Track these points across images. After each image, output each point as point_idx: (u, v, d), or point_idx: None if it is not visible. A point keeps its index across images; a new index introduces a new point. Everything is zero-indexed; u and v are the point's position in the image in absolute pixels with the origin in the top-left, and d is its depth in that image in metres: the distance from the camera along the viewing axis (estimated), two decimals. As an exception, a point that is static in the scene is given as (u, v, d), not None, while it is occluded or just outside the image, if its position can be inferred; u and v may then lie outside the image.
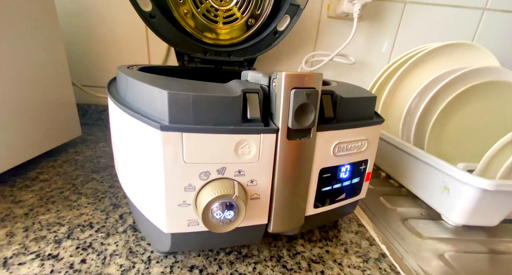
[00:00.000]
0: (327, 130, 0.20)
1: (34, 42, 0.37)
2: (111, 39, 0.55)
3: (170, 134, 0.17)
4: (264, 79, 0.20)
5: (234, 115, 0.18)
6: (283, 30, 0.49)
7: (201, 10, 0.42)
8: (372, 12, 0.56)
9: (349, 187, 0.24)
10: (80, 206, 0.31)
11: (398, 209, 0.36)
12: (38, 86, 0.38)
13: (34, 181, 0.36)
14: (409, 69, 0.47)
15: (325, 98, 0.21)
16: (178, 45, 0.45)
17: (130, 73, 0.22)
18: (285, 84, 0.18)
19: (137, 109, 0.20)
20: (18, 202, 0.31)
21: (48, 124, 0.41)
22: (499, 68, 0.40)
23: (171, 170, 0.17)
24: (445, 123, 0.41)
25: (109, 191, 0.35)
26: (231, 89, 0.19)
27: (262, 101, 0.19)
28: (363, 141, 0.23)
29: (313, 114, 0.19)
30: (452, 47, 0.45)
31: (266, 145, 0.18)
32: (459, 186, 0.31)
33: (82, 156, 0.44)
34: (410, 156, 0.39)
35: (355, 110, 0.22)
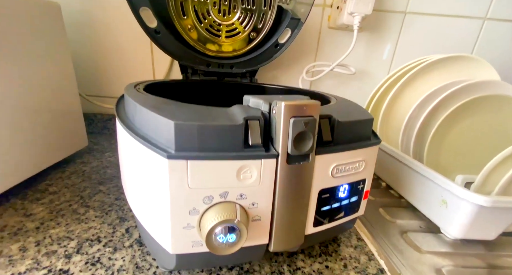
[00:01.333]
0: (325, 154, 0.21)
1: (43, 56, 0.38)
2: (116, 49, 0.56)
3: (176, 162, 0.18)
4: (265, 106, 0.20)
5: (237, 141, 0.19)
6: (284, 43, 0.50)
7: (204, 25, 0.44)
8: (372, 23, 0.57)
9: (348, 205, 0.25)
10: (88, 220, 0.32)
11: (397, 221, 0.37)
12: (47, 99, 0.40)
13: (43, 193, 0.37)
14: (409, 80, 0.47)
15: (323, 122, 0.22)
16: (182, 58, 0.46)
17: (138, 98, 0.23)
18: (284, 114, 0.19)
19: (144, 134, 0.21)
20: (29, 216, 0.32)
21: (56, 136, 0.42)
22: (499, 82, 0.40)
23: (177, 195, 0.18)
24: (444, 135, 0.42)
25: (116, 204, 0.36)
26: (233, 116, 0.20)
27: (263, 127, 0.20)
28: (360, 162, 0.23)
29: (312, 141, 0.19)
30: (453, 60, 0.46)
31: (267, 169, 0.19)
32: (456, 201, 0.31)
33: (88, 167, 0.46)
34: (409, 168, 0.40)
35: (352, 133, 0.23)
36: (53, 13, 0.40)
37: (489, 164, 0.34)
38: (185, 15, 0.42)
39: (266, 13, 0.45)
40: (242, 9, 0.44)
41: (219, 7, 0.43)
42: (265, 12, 0.45)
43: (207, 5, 0.42)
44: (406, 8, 0.56)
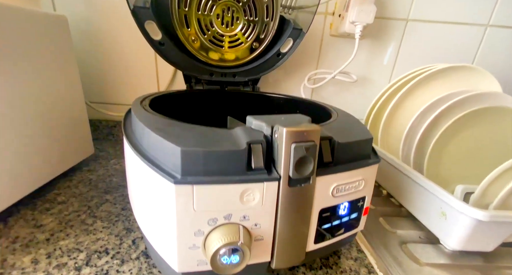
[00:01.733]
0: (326, 175, 0.22)
1: (50, 67, 0.39)
2: (121, 57, 0.57)
3: (182, 187, 0.18)
4: (267, 129, 0.21)
5: (240, 165, 0.20)
6: (286, 52, 0.50)
7: (208, 37, 0.44)
8: (374, 30, 0.57)
9: (348, 222, 0.25)
10: (96, 231, 0.33)
11: (397, 231, 0.38)
12: (54, 109, 0.40)
13: (52, 203, 0.38)
14: (411, 89, 0.48)
15: (323, 143, 0.22)
16: (186, 69, 0.47)
17: (145, 119, 0.24)
18: (286, 139, 0.19)
19: (152, 156, 0.21)
20: (40, 227, 0.33)
21: (64, 145, 0.43)
22: (500, 93, 0.41)
23: (183, 218, 0.19)
24: (445, 145, 0.42)
25: (122, 214, 0.37)
26: (237, 140, 0.21)
27: (265, 150, 0.21)
28: (360, 181, 0.24)
29: (312, 165, 0.20)
30: (454, 70, 0.46)
31: (269, 192, 0.20)
32: (455, 214, 0.32)
33: (95, 175, 0.47)
34: (409, 178, 0.40)
35: (352, 153, 0.24)
36: (61, 26, 0.41)
37: (489, 177, 0.35)
38: (188, 27, 0.42)
39: (269, 24, 0.46)
40: (245, 20, 0.44)
41: (222, 18, 0.43)
42: (267, 23, 0.45)
43: (211, 17, 0.43)
44: (408, 15, 0.57)
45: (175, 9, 0.40)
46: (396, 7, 0.56)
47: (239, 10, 0.43)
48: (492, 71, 0.57)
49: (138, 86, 0.60)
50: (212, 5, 0.41)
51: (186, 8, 0.40)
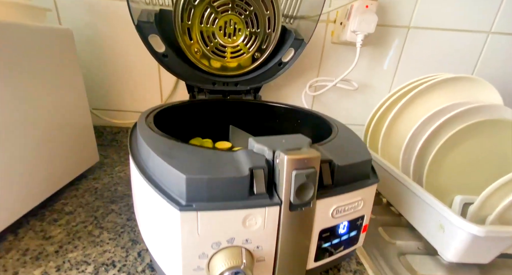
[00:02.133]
0: (326, 198, 0.23)
1: (57, 78, 0.40)
2: (124, 64, 0.58)
3: (187, 214, 0.19)
4: (268, 153, 0.22)
5: (242, 191, 0.21)
6: (288, 61, 0.51)
7: (210, 48, 0.45)
8: (375, 37, 0.57)
9: (347, 239, 0.26)
10: (102, 242, 0.34)
11: (396, 242, 0.39)
12: (61, 119, 0.41)
13: (60, 214, 0.39)
14: (412, 99, 0.48)
15: (323, 166, 0.23)
16: (189, 79, 0.47)
17: (152, 142, 0.25)
18: (287, 167, 0.20)
19: (157, 179, 0.22)
20: (49, 238, 0.34)
21: (70, 155, 0.44)
22: (500, 106, 0.41)
23: (187, 242, 0.20)
24: (445, 156, 0.43)
25: (127, 225, 0.38)
26: (239, 165, 0.21)
27: (267, 175, 0.21)
28: (359, 201, 0.25)
29: (313, 190, 0.21)
30: (455, 80, 0.46)
31: (271, 216, 0.21)
32: (453, 227, 0.33)
33: (100, 183, 0.48)
34: (408, 189, 0.41)
35: (352, 174, 0.24)
36: (66, 39, 0.42)
37: (487, 190, 0.35)
38: (191, 39, 0.43)
39: (270, 35, 0.46)
40: (247, 32, 0.45)
41: (224, 30, 0.44)
42: (269, 34, 0.46)
43: (213, 29, 0.43)
44: (410, 23, 0.57)
45: (179, 22, 0.40)
46: (398, 15, 0.56)
47: (241, 22, 0.44)
48: (493, 78, 0.58)
49: (141, 93, 0.61)
50: (215, 18, 0.42)
51: (189, 22, 0.41)
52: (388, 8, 0.55)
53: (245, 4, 0.42)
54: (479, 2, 0.55)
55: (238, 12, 0.42)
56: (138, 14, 0.40)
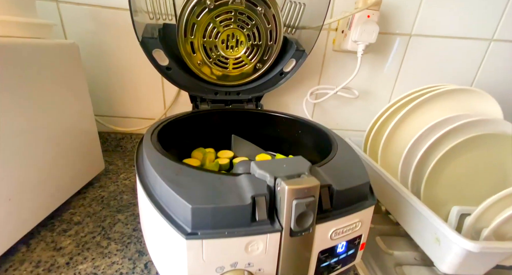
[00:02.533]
0: (325, 222, 0.24)
1: (64, 91, 0.41)
2: (128, 72, 0.58)
3: (193, 241, 0.20)
4: (270, 180, 0.23)
5: (245, 218, 0.22)
6: (289, 71, 0.51)
7: (213, 60, 0.45)
8: (377, 45, 0.57)
9: (345, 258, 0.27)
10: (110, 254, 0.36)
11: (394, 252, 0.40)
12: (68, 130, 0.42)
13: (69, 224, 0.41)
14: (412, 109, 0.49)
15: (323, 191, 0.24)
16: (192, 90, 0.48)
17: (158, 165, 0.26)
18: (288, 196, 0.21)
19: (164, 204, 0.23)
20: (59, 249, 0.36)
21: (78, 164, 0.45)
22: (500, 120, 0.42)
23: (192, 266, 0.21)
24: (443, 168, 0.43)
25: (133, 235, 0.39)
26: (242, 191, 0.22)
27: (268, 202, 0.22)
28: (357, 223, 0.26)
29: (312, 217, 0.22)
30: (456, 92, 0.47)
31: (272, 241, 0.22)
32: (448, 242, 0.34)
33: (106, 192, 0.49)
34: (406, 200, 0.42)
35: (350, 197, 0.25)
36: (72, 52, 0.42)
37: (483, 204, 0.36)
38: (194, 53, 0.43)
39: (272, 46, 0.46)
40: (249, 44, 0.45)
41: (227, 43, 0.44)
42: (270, 46, 0.46)
43: (215, 42, 0.44)
44: (412, 30, 0.57)
45: (182, 37, 0.41)
46: (400, 22, 0.56)
47: (243, 35, 0.44)
48: (494, 84, 0.58)
49: (144, 100, 0.61)
50: (217, 32, 0.42)
51: (192, 36, 0.41)
52: (390, 16, 0.55)
53: (247, 18, 0.42)
54: (482, 9, 0.55)
55: (240, 26, 0.43)
56: (142, 28, 0.41)
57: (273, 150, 0.50)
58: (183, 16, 0.39)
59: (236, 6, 0.40)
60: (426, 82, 0.58)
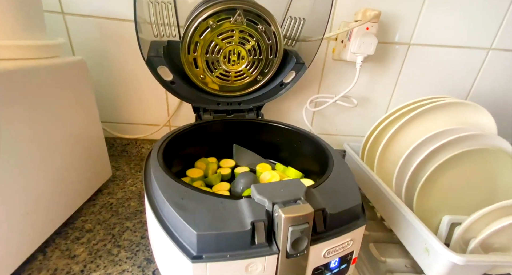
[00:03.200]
0: (319, 243, 0.26)
1: (71, 103, 0.42)
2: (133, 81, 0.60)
3: (198, 264, 0.23)
4: (268, 205, 0.25)
5: (245, 241, 0.24)
6: (289, 82, 0.53)
7: (215, 74, 0.47)
8: (376, 54, 0.58)
9: (338, 272, 0.30)
10: (121, 261, 0.38)
11: (385, 259, 0.42)
12: (76, 141, 0.44)
13: (81, 232, 0.43)
14: (409, 120, 0.50)
15: (317, 215, 0.26)
16: (195, 101, 0.50)
17: (165, 188, 0.28)
18: (284, 224, 0.23)
19: (172, 227, 0.26)
20: (74, 257, 0.38)
21: (87, 172, 0.48)
22: (493, 135, 0.43)
23: (199, 285, 0.24)
24: (436, 179, 0.45)
25: (142, 243, 0.42)
26: (242, 217, 0.24)
27: (267, 225, 0.24)
28: (349, 241, 0.28)
29: (307, 241, 0.24)
30: (453, 105, 0.48)
31: (270, 263, 0.24)
32: (436, 253, 0.36)
33: (115, 198, 0.52)
34: (399, 211, 0.44)
35: (343, 219, 0.28)
36: (80, 68, 0.44)
37: (473, 216, 0.38)
38: (197, 68, 0.45)
39: (272, 60, 0.48)
40: (250, 58, 0.46)
41: (229, 57, 0.46)
42: (271, 60, 0.48)
43: (218, 58, 0.45)
44: (411, 40, 0.57)
45: (185, 54, 0.42)
46: (399, 32, 0.57)
47: (245, 51, 0.45)
48: (492, 93, 0.59)
49: (149, 107, 0.63)
50: (220, 49, 0.43)
51: (195, 53, 0.43)
52: (390, 25, 0.56)
53: (248, 35, 0.43)
54: (480, 18, 0.56)
55: (242, 43, 0.44)
56: (147, 45, 0.42)
57: (274, 157, 0.53)
58: (186, 35, 0.40)
59: (237, 26, 0.41)
60: (424, 90, 0.60)
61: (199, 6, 0.41)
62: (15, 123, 0.32)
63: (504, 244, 0.40)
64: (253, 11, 0.40)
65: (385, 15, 0.54)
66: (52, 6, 0.51)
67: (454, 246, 0.41)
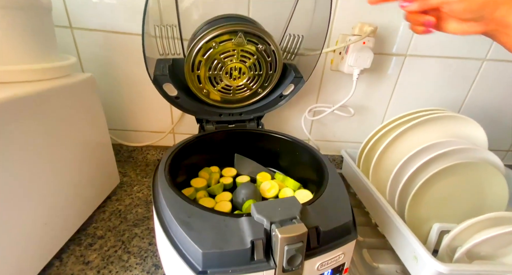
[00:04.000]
0: (312, 258, 0.29)
1: (82, 116, 0.45)
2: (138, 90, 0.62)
3: (204, 279, 0.26)
4: (267, 224, 0.28)
5: (245, 257, 0.27)
6: (288, 94, 0.55)
7: (217, 88, 0.49)
8: (373, 65, 0.60)
9: (330, 281, 0.32)
10: (131, 267, 0.42)
11: (377, 265, 0.45)
12: (87, 151, 0.47)
13: (94, 238, 0.46)
14: (404, 132, 0.52)
15: (311, 232, 0.29)
16: (198, 114, 0.52)
17: (173, 206, 0.30)
18: (281, 243, 0.26)
19: (179, 242, 0.28)
20: (88, 263, 0.42)
21: (97, 181, 0.51)
22: (481, 150, 0.45)
23: (204, 296, 0.27)
24: (427, 189, 0.47)
25: (149, 249, 0.45)
26: (243, 235, 0.27)
27: (265, 243, 0.27)
28: (341, 255, 0.31)
29: (301, 258, 0.27)
30: (446, 118, 0.50)
31: (267, 276, 0.27)
32: (423, 262, 0.39)
33: (123, 205, 0.55)
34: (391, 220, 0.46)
35: (335, 235, 0.30)
36: (90, 84, 0.46)
37: (460, 226, 0.41)
38: (200, 83, 0.47)
39: (272, 75, 0.50)
40: (251, 74, 0.48)
41: (230, 73, 0.48)
42: (271, 75, 0.50)
43: (220, 74, 0.47)
44: (407, 51, 0.59)
45: (189, 72, 0.44)
46: (396, 43, 0.58)
47: (246, 68, 0.47)
48: (485, 103, 0.61)
49: (154, 116, 0.66)
50: (222, 66, 0.45)
51: (199, 71, 0.45)
52: (387, 37, 0.58)
53: (248, 54, 0.45)
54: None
55: (242, 60, 0.46)
56: (153, 63, 0.44)
57: (273, 165, 0.55)
58: (190, 56, 0.42)
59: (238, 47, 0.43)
60: (419, 99, 0.62)
61: (203, 26, 0.43)
62: (31, 138, 0.35)
63: (490, 252, 0.42)
64: (254, 33, 0.42)
65: (382, 27, 0.56)
66: (61, 21, 0.53)
67: (442, 253, 0.43)
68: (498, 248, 0.42)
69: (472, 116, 0.53)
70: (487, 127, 0.50)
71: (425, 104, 0.64)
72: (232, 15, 0.47)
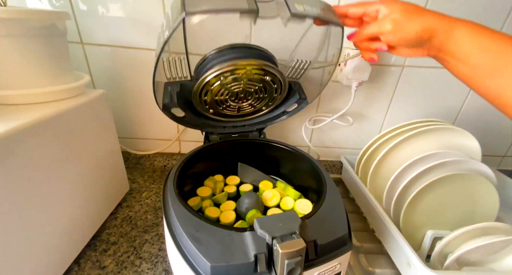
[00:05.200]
0: (310, 269, 0.31)
1: (94, 129, 0.48)
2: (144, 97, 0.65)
3: (212, 289, 0.29)
4: (269, 239, 0.30)
5: (249, 270, 0.30)
6: (291, 111, 0.57)
7: (223, 108, 0.51)
8: (371, 75, 0.62)
9: (327, 288, 0.35)
10: (143, 272, 0.45)
11: (373, 270, 0.48)
12: (100, 161, 0.50)
13: (107, 244, 0.50)
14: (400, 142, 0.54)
15: (309, 245, 0.31)
16: (204, 128, 0.55)
17: (182, 219, 0.33)
18: (281, 258, 0.29)
19: (188, 254, 0.31)
20: (103, 268, 0.45)
21: (109, 188, 0.54)
22: (474, 162, 0.48)
23: (212, 304, 0.30)
24: (422, 198, 0.50)
25: (160, 255, 0.48)
26: (247, 249, 0.30)
27: (267, 256, 0.30)
28: (337, 265, 0.34)
29: (300, 270, 0.30)
30: (441, 130, 0.52)
31: (270, 286, 0.30)
32: (416, 268, 0.41)
33: (133, 212, 0.58)
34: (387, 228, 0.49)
35: (332, 247, 0.33)
36: (102, 99, 0.49)
37: (452, 234, 0.44)
38: (207, 105, 0.49)
39: (276, 97, 0.52)
40: (255, 96, 0.50)
41: (236, 95, 0.50)
42: (275, 97, 0.52)
43: (226, 98, 0.49)
44: (404, 62, 0.61)
45: (197, 98, 0.47)
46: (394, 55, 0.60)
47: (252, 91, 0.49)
48: (481, 112, 0.63)
49: (160, 124, 0.68)
50: (228, 92, 0.48)
51: (206, 97, 0.47)
52: (385, 49, 0.59)
53: (255, 82, 0.47)
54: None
55: (248, 87, 0.48)
56: (161, 86, 0.47)
57: (275, 173, 0.58)
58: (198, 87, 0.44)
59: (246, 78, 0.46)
60: (417, 109, 0.64)
61: (211, 54, 0.45)
62: (51, 154, 0.38)
63: (479, 259, 0.45)
64: (261, 68, 0.44)
65: (380, 40, 0.58)
66: (72, 37, 0.56)
67: (434, 259, 0.46)
68: (486, 255, 0.44)
69: (468, 124, 0.55)
70: (482, 134, 0.52)
71: (422, 113, 0.66)
72: (239, 45, 0.47)
